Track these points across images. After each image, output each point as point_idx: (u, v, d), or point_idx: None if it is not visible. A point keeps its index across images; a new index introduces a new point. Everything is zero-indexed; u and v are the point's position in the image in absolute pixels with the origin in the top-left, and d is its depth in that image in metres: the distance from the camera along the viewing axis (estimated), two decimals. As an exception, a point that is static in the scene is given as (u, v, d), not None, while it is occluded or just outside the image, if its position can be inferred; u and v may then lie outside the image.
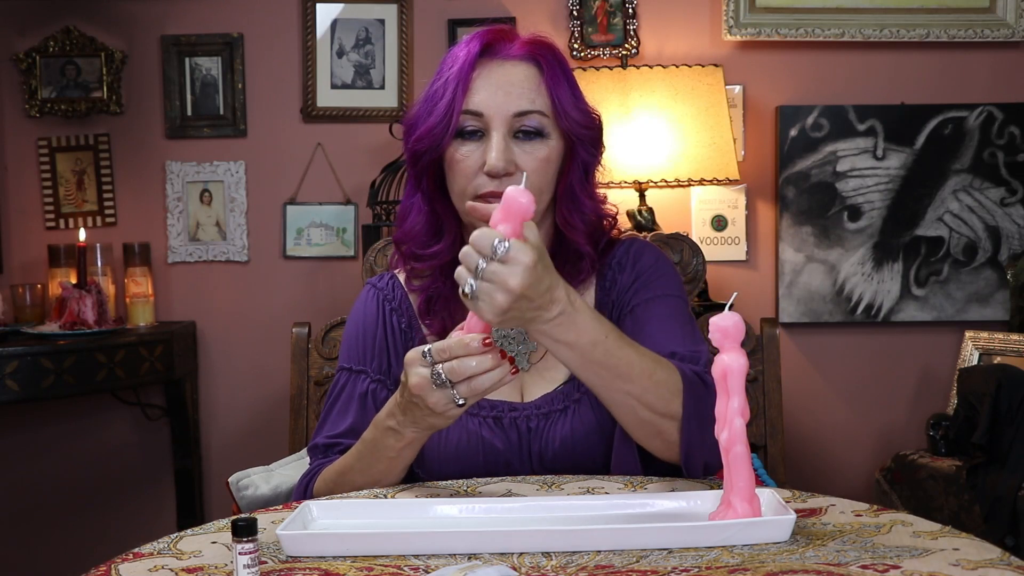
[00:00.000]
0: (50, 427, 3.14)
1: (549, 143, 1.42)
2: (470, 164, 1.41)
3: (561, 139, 1.44)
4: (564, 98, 1.43)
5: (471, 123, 1.41)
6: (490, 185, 1.39)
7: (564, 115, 1.42)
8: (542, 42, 1.45)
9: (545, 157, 1.42)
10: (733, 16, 3.02)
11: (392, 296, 1.52)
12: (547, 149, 1.42)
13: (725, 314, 1.06)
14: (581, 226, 1.47)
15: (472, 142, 1.41)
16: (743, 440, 1.05)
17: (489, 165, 1.38)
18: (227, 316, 3.13)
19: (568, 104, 1.43)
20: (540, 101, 1.41)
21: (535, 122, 1.41)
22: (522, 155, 1.41)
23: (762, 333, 1.92)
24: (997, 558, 0.93)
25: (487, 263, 1.10)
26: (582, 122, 1.44)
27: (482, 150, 1.40)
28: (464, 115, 1.40)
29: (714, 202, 3.08)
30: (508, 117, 1.40)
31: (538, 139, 1.42)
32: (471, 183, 1.41)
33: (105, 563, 1.01)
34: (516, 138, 1.41)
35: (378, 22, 3.09)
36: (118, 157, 3.12)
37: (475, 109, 1.40)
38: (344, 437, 1.43)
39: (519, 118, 1.40)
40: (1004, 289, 3.04)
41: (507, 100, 1.40)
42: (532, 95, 1.41)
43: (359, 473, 1.34)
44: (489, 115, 1.40)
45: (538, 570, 0.95)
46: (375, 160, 3.01)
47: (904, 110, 3.06)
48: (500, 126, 1.40)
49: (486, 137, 1.40)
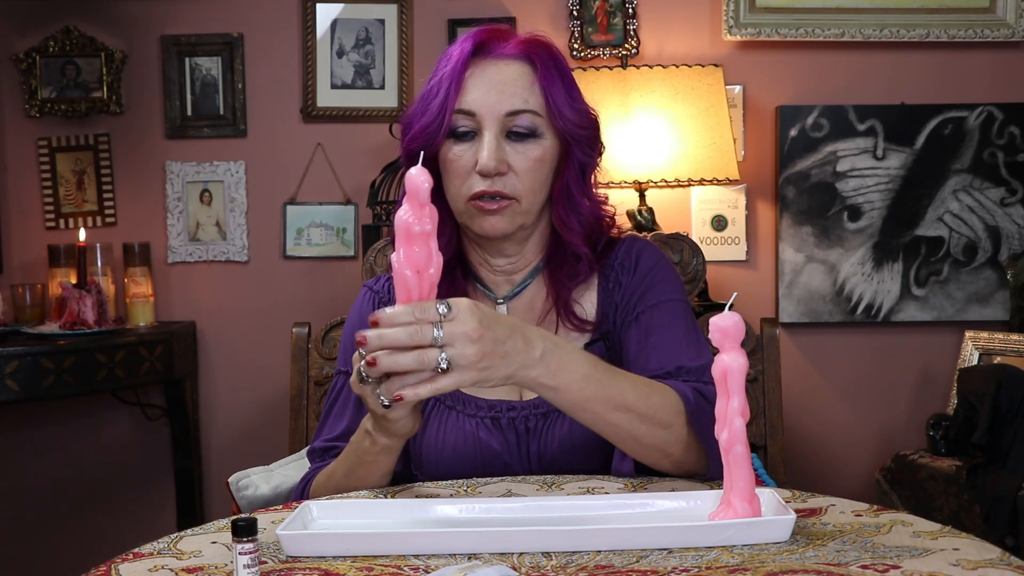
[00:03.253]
0: (50, 427, 3.14)
1: (543, 143, 1.42)
2: (463, 164, 1.40)
3: (556, 139, 1.43)
4: (558, 97, 1.41)
5: (464, 123, 1.40)
6: (483, 185, 1.39)
7: (558, 114, 1.41)
8: (537, 41, 1.44)
9: (538, 157, 1.41)
10: (733, 16, 3.02)
11: (388, 299, 1.51)
12: (541, 149, 1.41)
13: (725, 314, 1.06)
14: (578, 227, 1.46)
15: (465, 142, 1.41)
16: (743, 440, 1.05)
17: (481, 165, 1.38)
18: (227, 316, 3.13)
19: (562, 103, 1.42)
20: (533, 100, 1.41)
21: (527, 121, 1.40)
22: (515, 155, 1.40)
23: (762, 333, 1.92)
24: (997, 558, 0.93)
25: (440, 329, 1.09)
26: (577, 122, 1.43)
27: (475, 150, 1.39)
28: (457, 114, 1.40)
29: (714, 202, 3.08)
30: (500, 116, 1.39)
31: (531, 139, 1.41)
32: (464, 183, 1.40)
33: (105, 563, 1.01)
34: (509, 138, 1.40)
35: (378, 22, 3.09)
36: (118, 157, 3.12)
37: (467, 108, 1.39)
38: (340, 440, 1.43)
39: (511, 117, 1.40)
40: (1004, 289, 3.04)
41: (499, 99, 1.39)
42: (525, 94, 1.40)
43: (343, 476, 1.33)
44: (481, 114, 1.39)
45: (538, 570, 0.95)
46: (375, 160, 3.01)
47: (904, 110, 3.06)
48: (492, 125, 1.39)
49: (479, 137, 1.40)
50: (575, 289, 1.47)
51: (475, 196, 1.40)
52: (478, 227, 1.42)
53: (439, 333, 1.09)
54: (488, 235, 1.43)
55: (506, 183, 1.40)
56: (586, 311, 1.48)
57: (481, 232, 1.43)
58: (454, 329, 1.10)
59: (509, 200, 1.40)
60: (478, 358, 1.11)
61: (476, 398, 1.43)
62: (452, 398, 1.43)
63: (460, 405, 1.43)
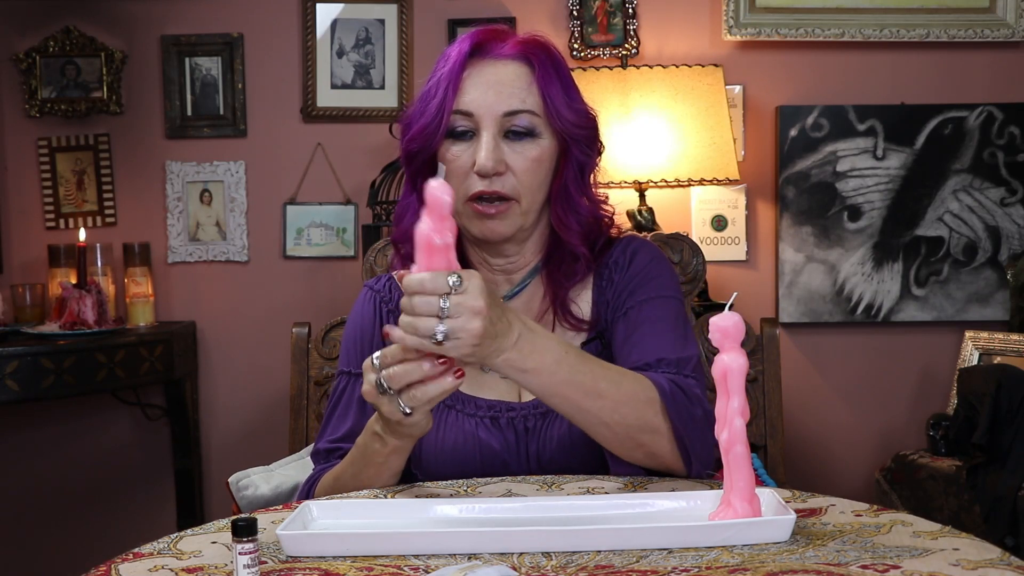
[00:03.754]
0: (50, 427, 3.14)
1: (541, 143, 1.42)
2: (461, 164, 1.40)
3: (554, 139, 1.43)
4: (556, 97, 1.41)
5: (462, 123, 1.40)
6: (481, 185, 1.39)
7: (556, 114, 1.41)
8: (535, 41, 1.44)
9: (536, 157, 1.41)
10: (733, 16, 3.02)
11: (389, 298, 1.51)
12: (539, 149, 1.41)
13: (725, 314, 1.06)
14: (576, 227, 1.46)
15: (463, 142, 1.41)
16: (743, 440, 1.05)
17: (479, 165, 1.38)
18: (227, 316, 3.13)
19: (560, 103, 1.42)
20: (531, 100, 1.40)
21: (525, 121, 1.40)
22: (512, 155, 1.40)
23: (762, 333, 1.92)
24: (997, 558, 0.93)
25: (447, 301, 1.10)
26: (576, 122, 1.43)
27: (473, 150, 1.39)
28: (455, 115, 1.40)
29: (714, 202, 3.08)
30: (498, 117, 1.39)
31: (529, 139, 1.41)
32: (463, 183, 1.40)
33: (105, 563, 1.01)
34: (507, 138, 1.40)
35: (378, 22, 3.09)
36: (118, 157, 3.12)
37: (465, 109, 1.39)
38: (344, 441, 1.42)
39: (509, 117, 1.40)
40: (1004, 289, 3.04)
41: (497, 99, 1.39)
42: (523, 94, 1.40)
43: (351, 478, 1.33)
44: (479, 115, 1.39)
45: (538, 570, 0.95)
46: (375, 160, 3.01)
47: (904, 110, 3.06)
48: (490, 126, 1.39)
49: (476, 137, 1.40)
50: (572, 288, 1.47)
51: (473, 197, 1.39)
52: (477, 230, 1.42)
53: (445, 304, 1.10)
54: (487, 239, 1.43)
55: (504, 183, 1.40)
56: (582, 310, 1.48)
57: (480, 236, 1.43)
58: (463, 301, 1.11)
59: (508, 201, 1.40)
60: (478, 335, 1.12)
61: (476, 398, 1.43)
62: (452, 397, 1.42)
63: (460, 404, 1.43)
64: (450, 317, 1.10)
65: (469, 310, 1.11)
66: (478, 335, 1.11)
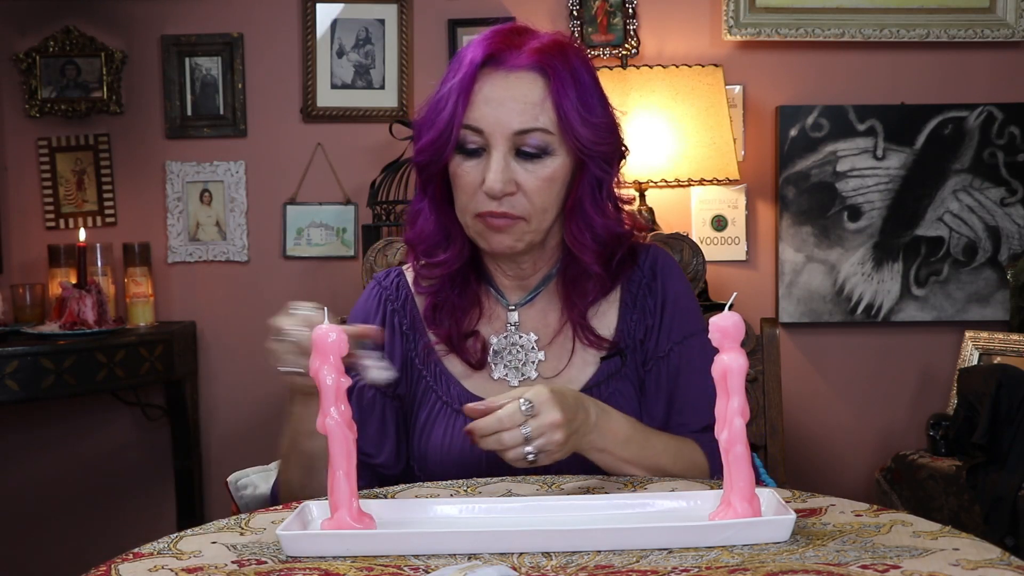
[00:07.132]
0: (50, 427, 3.14)
1: (554, 161, 1.36)
2: (471, 181, 1.36)
3: (569, 155, 1.38)
4: (571, 113, 1.34)
5: (472, 139, 1.35)
6: (490, 205, 1.35)
7: (571, 132, 1.35)
8: (554, 46, 1.37)
9: (548, 176, 1.36)
10: (733, 16, 3.02)
11: (396, 296, 1.50)
12: (551, 168, 1.36)
13: (725, 314, 1.06)
14: (591, 244, 1.41)
15: (474, 158, 1.36)
16: (743, 440, 1.05)
17: (487, 186, 1.34)
18: (227, 316, 3.13)
19: (576, 120, 1.35)
20: (544, 117, 1.34)
21: (537, 140, 1.34)
22: (523, 173, 1.35)
23: (762, 333, 1.92)
24: (997, 558, 0.93)
25: (528, 428, 1.19)
26: (592, 138, 1.36)
27: (483, 167, 1.35)
28: (464, 130, 1.35)
29: (714, 202, 3.08)
30: (509, 135, 1.34)
31: (541, 158, 1.36)
32: (472, 200, 1.37)
33: (105, 563, 1.01)
34: (518, 156, 1.35)
35: (378, 22, 3.09)
36: (118, 157, 3.12)
37: (475, 125, 1.35)
38: None
39: (521, 136, 1.34)
40: (1004, 289, 3.04)
41: (508, 117, 1.34)
42: (535, 111, 1.34)
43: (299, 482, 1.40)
44: (489, 132, 1.34)
45: (538, 570, 0.95)
46: (375, 160, 3.01)
47: (904, 110, 3.06)
48: (501, 144, 1.34)
49: (487, 154, 1.35)
50: (593, 305, 1.46)
51: (482, 215, 1.37)
52: (485, 244, 1.40)
53: (527, 431, 1.20)
54: (495, 252, 1.41)
55: (514, 204, 1.36)
56: (605, 327, 1.46)
57: (488, 249, 1.41)
58: (541, 422, 1.20)
59: (516, 219, 1.37)
60: (564, 441, 1.22)
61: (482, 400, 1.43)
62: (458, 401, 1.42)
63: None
64: (535, 438, 1.20)
65: (549, 426, 1.20)
66: (564, 442, 1.21)
